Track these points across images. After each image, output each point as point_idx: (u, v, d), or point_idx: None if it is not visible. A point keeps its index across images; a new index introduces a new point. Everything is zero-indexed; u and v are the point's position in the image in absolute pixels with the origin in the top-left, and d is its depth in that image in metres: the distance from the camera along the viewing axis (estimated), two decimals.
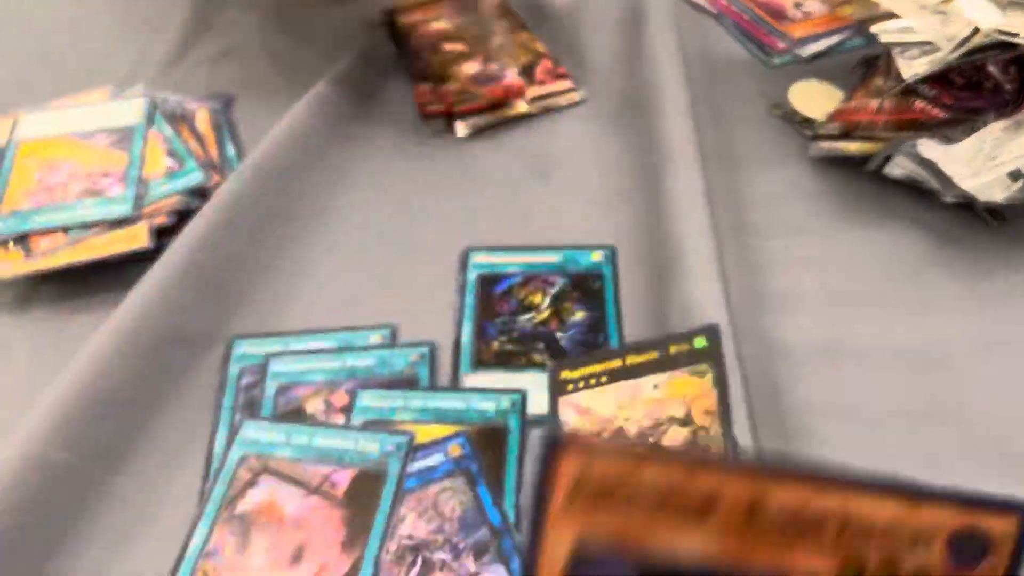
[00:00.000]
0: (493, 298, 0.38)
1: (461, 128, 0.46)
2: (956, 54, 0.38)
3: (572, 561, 0.19)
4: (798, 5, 0.53)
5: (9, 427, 0.32)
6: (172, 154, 0.42)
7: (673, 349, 0.33)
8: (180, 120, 0.45)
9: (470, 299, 0.38)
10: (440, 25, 0.52)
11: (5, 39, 0.55)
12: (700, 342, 0.33)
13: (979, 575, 0.19)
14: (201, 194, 0.41)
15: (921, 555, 0.19)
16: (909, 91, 0.41)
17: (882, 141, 0.40)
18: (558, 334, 0.37)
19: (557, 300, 0.38)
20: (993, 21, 0.38)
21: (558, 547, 0.19)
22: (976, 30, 0.38)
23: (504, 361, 0.36)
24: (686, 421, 0.31)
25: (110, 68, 0.51)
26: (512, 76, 0.48)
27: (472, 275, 0.39)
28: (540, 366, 0.35)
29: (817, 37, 0.51)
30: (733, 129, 0.46)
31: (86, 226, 0.39)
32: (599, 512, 0.19)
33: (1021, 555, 0.19)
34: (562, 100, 0.48)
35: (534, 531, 0.19)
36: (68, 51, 0.53)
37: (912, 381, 0.34)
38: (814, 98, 0.46)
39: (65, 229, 0.39)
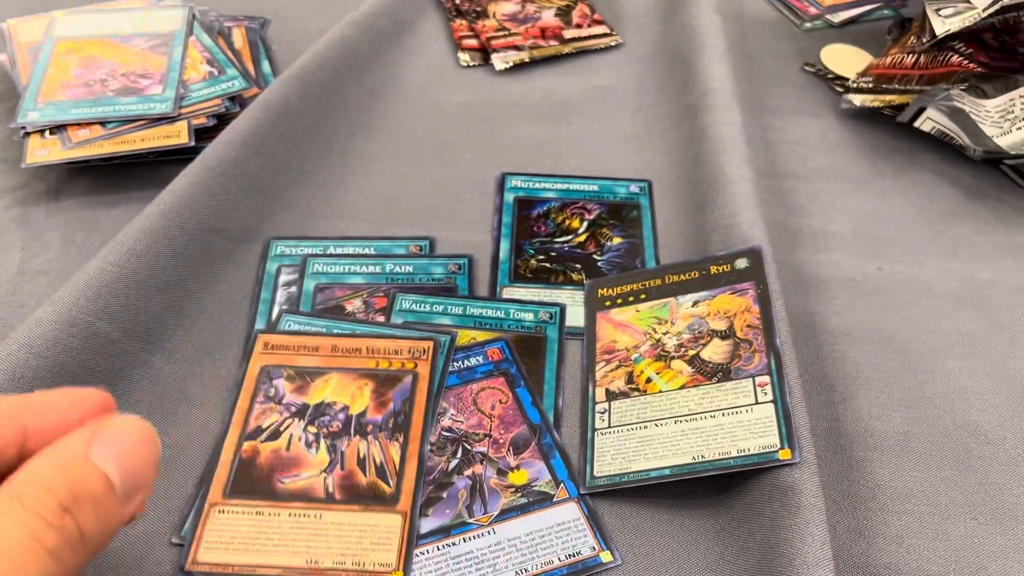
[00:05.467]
0: (530, 220, 0.38)
1: (498, 62, 0.46)
2: (992, 10, 0.39)
3: None
4: None
5: (40, 304, 0.32)
6: (211, 62, 0.42)
7: (714, 269, 0.34)
8: (217, 33, 0.45)
9: (507, 219, 0.38)
10: None
11: None
12: (742, 263, 0.33)
13: None
14: (239, 102, 0.41)
15: None
16: (944, 47, 0.42)
17: (916, 93, 0.41)
18: (595, 256, 0.37)
19: (594, 225, 0.38)
20: None
21: None
22: None
23: (542, 277, 0.36)
24: (727, 334, 0.32)
25: None
26: (549, 16, 0.49)
27: (509, 197, 0.39)
28: (577, 283, 0.36)
29: (848, 6, 0.52)
30: (766, 83, 0.46)
31: (125, 120, 0.39)
32: None
33: None
34: (599, 43, 0.48)
35: None
36: None
37: (943, 315, 0.35)
38: (846, 58, 0.47)
39: (103, 122, 0.39)
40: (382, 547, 0.27)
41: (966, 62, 0.41)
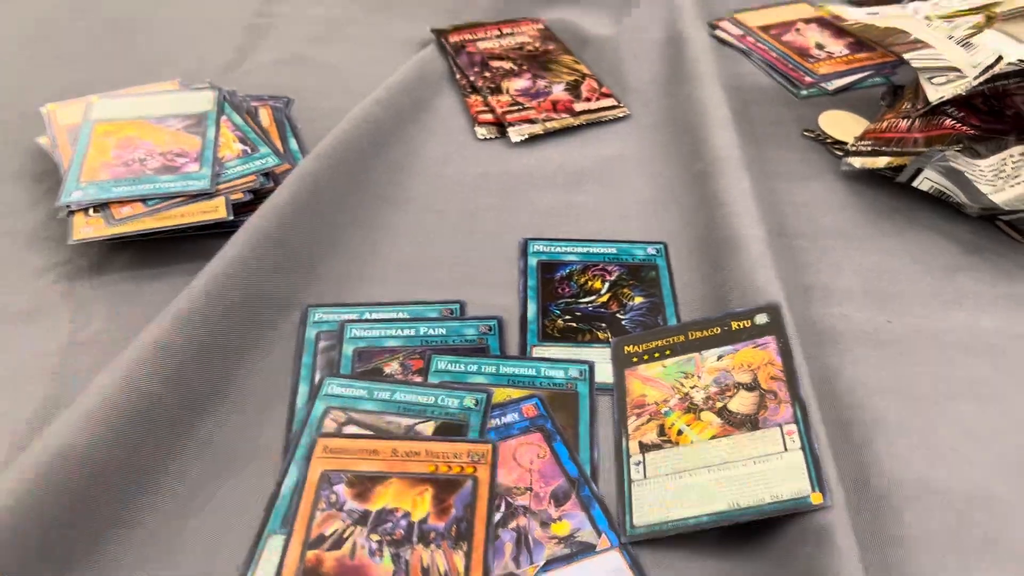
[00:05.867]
0: (553, 282, 0.40)
1: (514, 134, 0.49)
2: (981, 79, 0.42)
3: None
4: (820, 47, 0.57)
5: (85, 381, 0.33)
6: (244, 140, 0.44)
7: (735, 325, 0.36)
8: (246, 112, 0.47)
9: (532, 281, 0.40)
10: (488, 44, 0.55)
11: (73, 30, 0.57)
12: (762, 319, 0.35)
13: None
14: (273, 178, 0.43)
15: None
16: (938, 112, 0.44)
17: (913, 155, 0.44)
18: (619, 315, 0.39)
19: (615, 286, 0.40)
20: (1016, 51, 0.42)
21: None
22: (999, 58, 0.42)
23: (569, 336, 0.38)
24: (752, 386, 0.33)
25: (174, 66, 0.53)
26: (559, 91, 0.51)
27: (533, 261, 0.41)
28: (604, 342, 0.37)
29: (840, 74, 0.54)
30: (769, 148, 0.49)
31: (165, 198, 0.41)
32: None
33: None
34: (608, 115, 0.51)
35: None
36: (134, 46, 0.55)
37: (951, 363, 0.37)
38: (843, 123, 0.50)
39: (144, 199, 0.40)
40: None
41: (959, 125, 0.44)
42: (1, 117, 0.49)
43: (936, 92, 0.43)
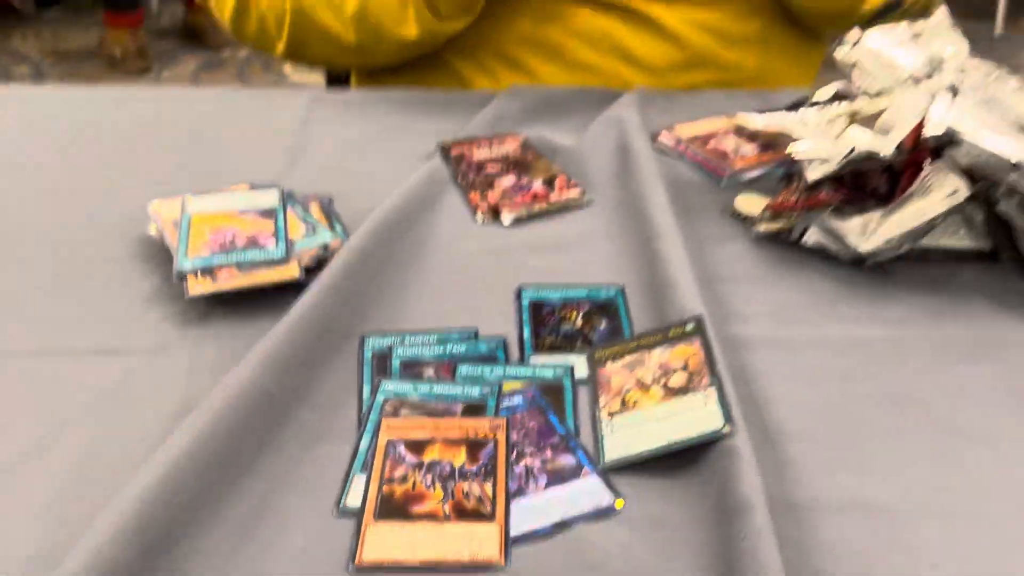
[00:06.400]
0: (542, 315, 0.55)
1: (506, 218, 0.64)
2: (842, 163, 0.58)
3: None
4: (736, 149, 0.74)
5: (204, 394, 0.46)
6: (305, 223, 0.59)
7: (672, 332, 0.50)
8: (301, 205, 0.62)
9: (526, 316, 0.54)
10: (481, 154, 0.71)
11: (156, 144, 0.73)
12: (690, 327, 0.50)
13: None
14: (328, 250, 0.58)
15: None
16: (815, 188, 0.60)
17: (799, 219, 0.60)
18: (590, 335, 0.53)
19: (587, 316, 0.55)
20: (865, 143, 0.59)
21: None
22: (853, 149, 0.58)
23: (555, 349, 0.52)
24: (685, 368, 0.47)
25: (233, 175, 0.68)
26: (538, 186, 0.67)
27: (525, 301, 0.56)
28: (580, 351, 0.52)
29: (752, 168, 0.71)
30: (697, 222, 0.64)
31: (252, 264, 0.55)
32: None
33: None
34: (576, 202, 0.66)
35: None
36: (199, 157, 0.71)
37: (830, 357, 0.52)
38: (753, 203, 0.66)
39: (238, 265, 0.55)
40: (487, 545, 0.41)
41: (831, 196, 0.60)
42: (109, 212, 0.64)
43: (813, 174, 0.60)
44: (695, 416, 0.44)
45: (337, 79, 1.13)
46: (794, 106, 0.69)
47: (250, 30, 0.85)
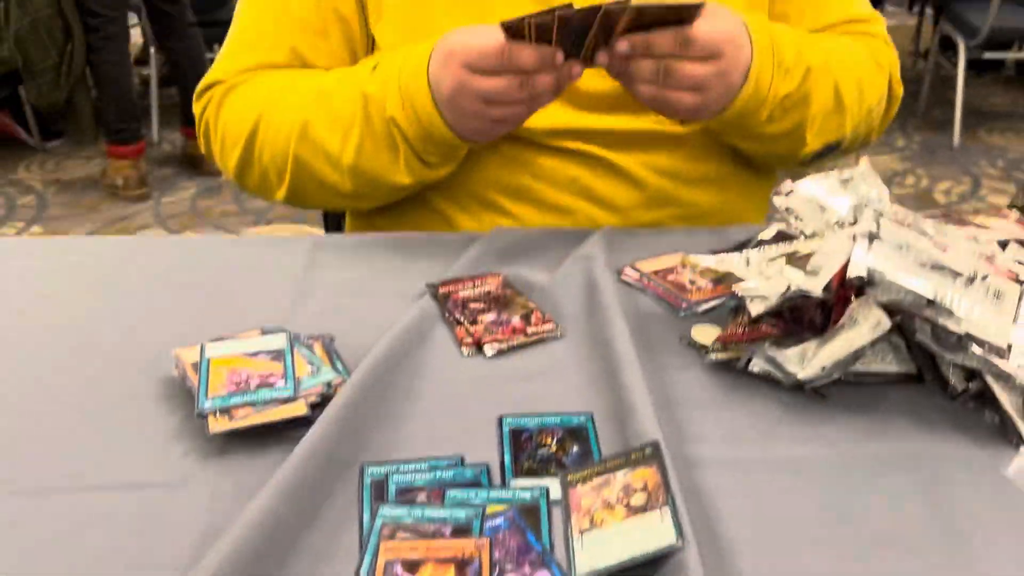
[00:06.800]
0: (520, 441, 0.62)
1: (489, 350, 0.72)
2: (780, 300, 0.67)
3: None
4: (692, 282, 0.82)
5: (226, 521, 0.53)
6: (311, 363, 0.67)
7: (633, 456, 0.57)
8: (306, 345, 0.70)
9: (507, 442, 0.62)
10: (466, 292, 0.80)
11: (181, 296, 0.81)
12: (648, 451, 0.57)
13: None
14: (333, 387, 0.65)
15: None
16: (758, 321, 0.69)
17: (746, 349, 0.68)
18: (563, 459, 0.60)
19: (560, 442, 0.62)
20: (797, 282, 0.67)
21: None
22: (789, 287, 0.67)
23: (533, 472, 0.59)
24: (644, 489, 0.55)
25: (243, 319, 0.76)
26: (516, 321, 0.76)
27: (506, 428, 0.63)
28: (554, 475, 0.59)
29: (707, 300, 0.80)
30: (657, 351, 0.73)
31: (265, 403, 0.63)
32: None
33: None
34: (550, 335, 0.75)
35: None
36: (214, 304, 0.79)
37: (780, 484, 0.59)
38: (707, 333, 0.74)
39: (252, 404, 0.62)
40: None
41: (771, 328, 0.68)
42: (134, 354, 0.72)
43: (755, 309, 0.68)
44: (652, 532, 0.51)
45: (333, 215, 1.23)
46: (741, 246, 0.78)
47: (252, 181, 0.95)
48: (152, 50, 3.32)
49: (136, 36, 3.61)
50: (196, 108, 0.97)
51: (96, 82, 3.00)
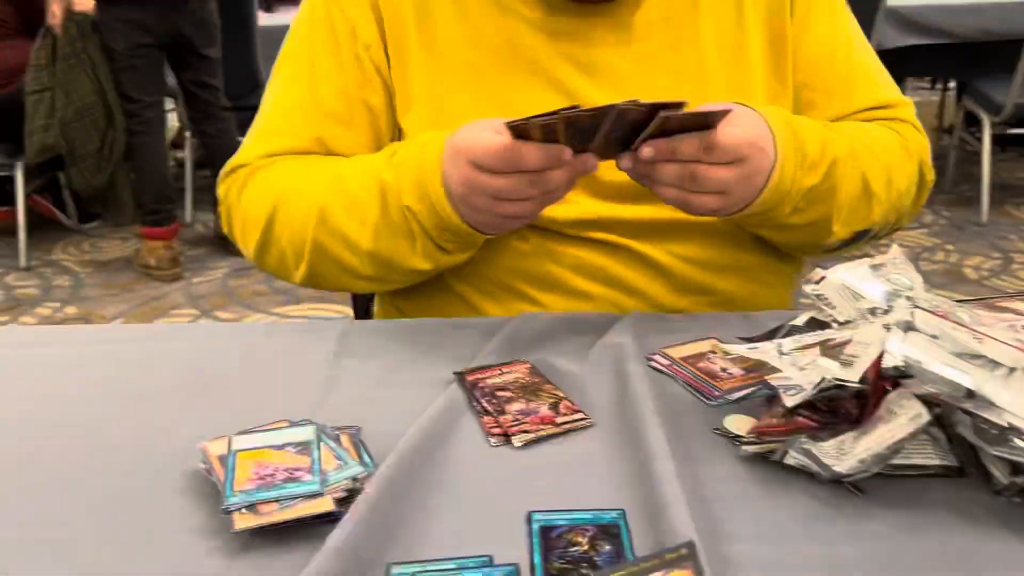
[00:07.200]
0: (551, 539, 0.60)
1: (516, 441, 0.71)
2: (815, 391, 0.66)
3: None
4: (724, 369, 0.81)
5: None
6: (337, 456, 0.66)
7: (668, 556, 0.56)
8: (333, 438, 0.69)
9: (536, 540, 0.60)
10: (493, 380, 0.79)
11: (203, 388, 0.81)
12: (684, 551, 0.56)
13: None
14: (360, 481, 0.64)
15: None
16: (793, 413, 0.67)
17: (781, 442, 0.66)
18: (595, 558, 0.59)
19: (592, 540, 0.60)
20: (834, 372, 0.66)
21: None
22: (823, 378, 0.66)
23: (563, 573, 0.57)
24: None
25: (274, 410, 0.76)
26: (545, 410, 0.75)
27: (535, 525, 0.62)
28: (586, 575, 0.57)
29: (740, 388, 0.78)
30: (689, 442, 0.71)
31: (291, 498, 0.62)
32: None
33: None
34: (579, 424, 0.74)
35: None
36: (241, 395, 0.79)
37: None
38: (740, 423, 0.73)
39: (278, 500, 0.62)
40: None
41: (807, 421, 0.67)
42: (161, 448, 0.71)
43: (790, 401, 0.67)
44: None
45: (362, 297, 1.24)
46: (772, 333, 0.77)
47: (271, 262, 0.96)
48: (188, 134, 3.42)
49: (172, 120, 3.73)
50: (220, 190, 0.97)
51: (133, 166, 3.08)
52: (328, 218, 0.88)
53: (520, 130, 0.73)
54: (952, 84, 3.88)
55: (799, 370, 0.69)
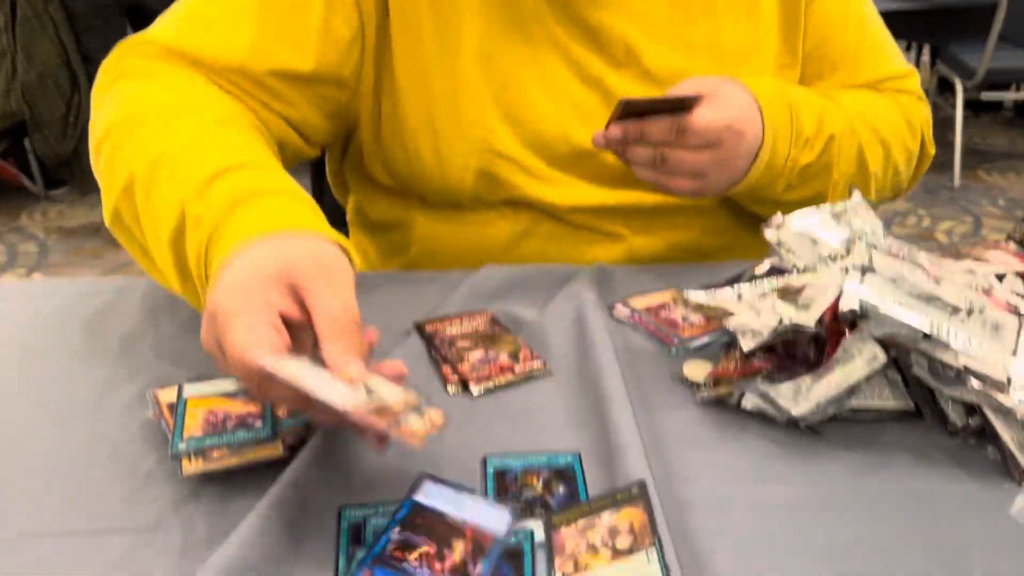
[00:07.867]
0: (505, 482, 0.60)
1: (476, 390, 0.70)
2: (772, 335, 0.65)
3: None
4: (685, 318, 0.81)
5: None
6: None
7: (619, 496, 0.55)
8: None
9: (491, 483, 0.60)
10: (452, 331, 0.78)
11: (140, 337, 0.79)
12: (635, 490, 0.55)
13: None
14: (310, 428, 0.64)
15: None
16: (750, 357, 0.67)
17: (737, 386, 0.66)
18: (549, 500, 0.58)
19: (546, 483, 0.60)
20: (790, 316, 0.66)
21: None
22: (781, 320, 0.65)
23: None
24: (630, 531, 0.52)
25: None
26: (504, 358, 0.74)
27: (491, 469, 0.61)
28: (540, 517, 0.56)
29: (699, 336, 0.78)
30: (647, 389, 0.71)
31: (241, 444, 0.61)
32: None
33: None
34: (538, 372, 0.73)
35: None
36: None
37: (773, 524, 0.56)
38: (699, 369, 0.72)
39: (228, 445, 0.61)
40: None
41: (764, 363, 0.66)
42: (115, 401, 0.70)
43: (747, 345, 0.66)
44: (637, 572, 0.49)
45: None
46: (733, 280, 0.76)
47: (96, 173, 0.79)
48: None
49: None
50: (114, 54, 0.83)
51: None
52: (135, 193, 0.72)
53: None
54: (926, 49, 3.88)
55: (756, 315, 0.68)
